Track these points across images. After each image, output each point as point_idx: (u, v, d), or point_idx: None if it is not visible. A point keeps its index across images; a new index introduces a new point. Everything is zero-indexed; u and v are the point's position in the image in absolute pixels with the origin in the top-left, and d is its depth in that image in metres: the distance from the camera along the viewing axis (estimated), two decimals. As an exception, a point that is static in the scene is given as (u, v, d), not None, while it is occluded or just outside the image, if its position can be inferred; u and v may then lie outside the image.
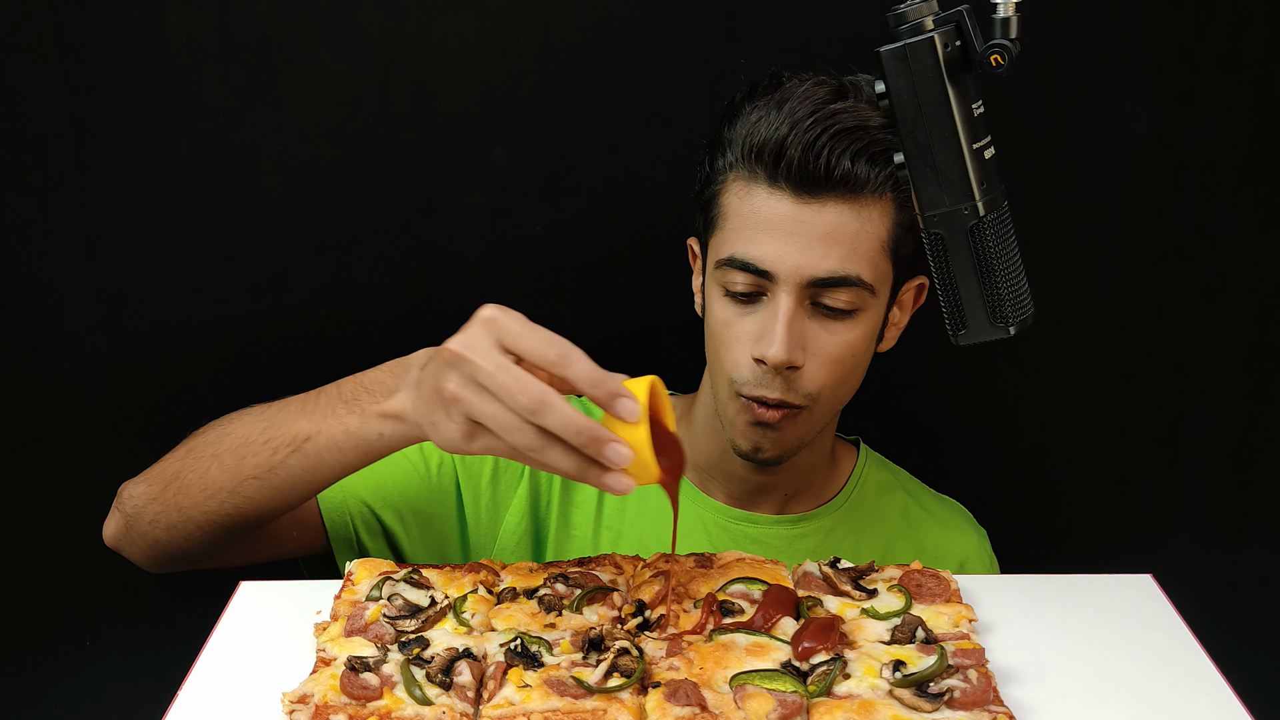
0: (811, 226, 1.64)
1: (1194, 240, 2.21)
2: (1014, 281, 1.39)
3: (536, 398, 1.28)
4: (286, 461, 1.54)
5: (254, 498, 1.58)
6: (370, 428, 1.47)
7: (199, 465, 1.63)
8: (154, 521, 1.67)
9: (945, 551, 1.91)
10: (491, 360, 1.30)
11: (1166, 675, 1.41)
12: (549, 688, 1.30)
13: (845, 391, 1.77)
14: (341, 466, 1.53)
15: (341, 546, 1.80)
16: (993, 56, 1.33)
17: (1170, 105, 2.14)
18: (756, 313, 1.69)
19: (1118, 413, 2.31)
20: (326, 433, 1.51)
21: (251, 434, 1.59)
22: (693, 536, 1.86)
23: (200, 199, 2.14)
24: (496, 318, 1.32)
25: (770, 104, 1.67)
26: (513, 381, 1.28)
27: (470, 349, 1.31)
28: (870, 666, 1.33)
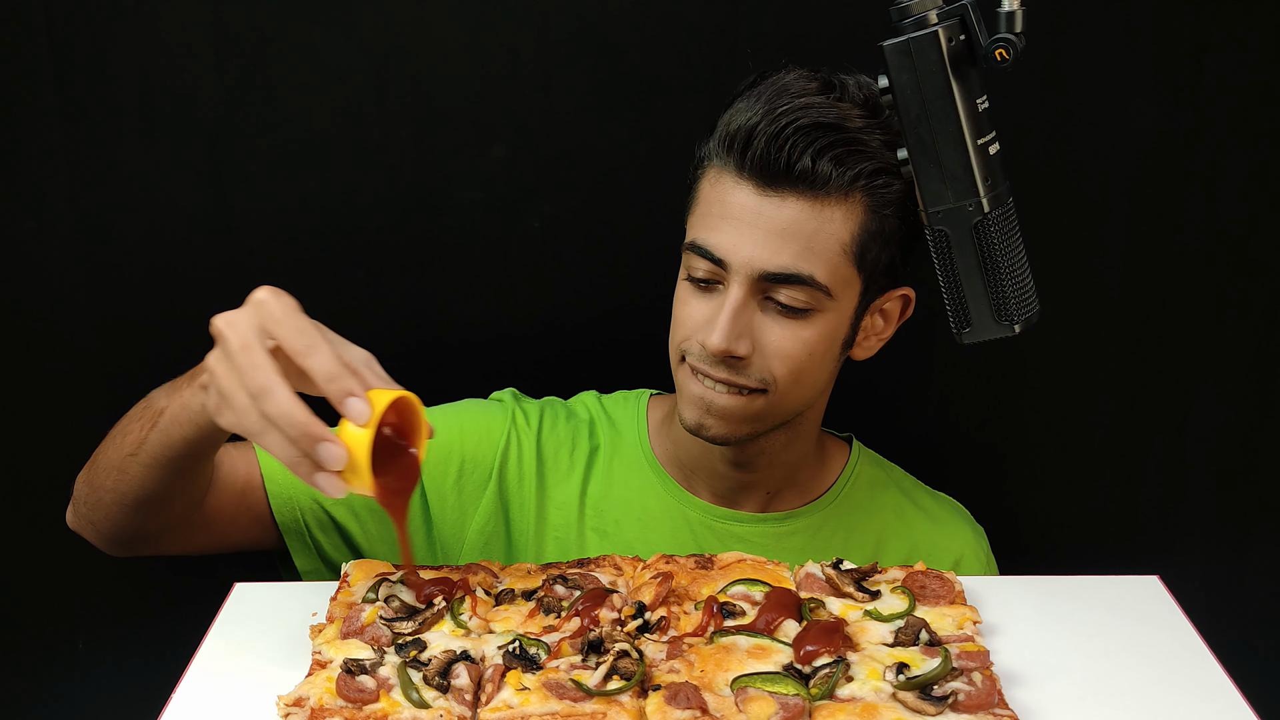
0: (769, 220, 1.64)
1: (1201, 237, 2.21)
2: (1019, 279, 1.40)
3: (260, 383, 1.31)
4: (148, 438, 1.57)
5: (134, 475, 1.60)
6: (194, 399, 1.49)
7: (107, 445, 1.67)
8: (86, 503, 1.71)
9: (939, 549, 1.90)
10: (241, 339, 1.33)
11: (1173, 678, 1.40)
12: (548, 690, 1.30)
13: (805, 390, 1.76)
14: (184, 441, 1.53)
15: (294, 541, 1.81)
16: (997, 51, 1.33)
17: (1177, 100, 2.14)
18: (712, 300, 1.71)
19: (1124, 412, 2.31)
20: (171, 408, 1.53)
21: (133, 413, 1.65)
22: (678, 535, 1.87)
23: (194, 196, 2.13)
24: (265, 301, 1.35)
25: (756, 94, 1.67)
26: (247, 363, 1.31)
27: (230, 326, 1.34)
28: (873, 669, 1.33)
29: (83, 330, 2.19)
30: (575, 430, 1.93)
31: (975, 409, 2.32)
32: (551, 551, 1.86)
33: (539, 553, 1.86)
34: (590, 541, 1.86)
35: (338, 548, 1.82)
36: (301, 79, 2.09)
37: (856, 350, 1.80)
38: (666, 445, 1.92)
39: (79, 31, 2.05)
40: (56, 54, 2.06)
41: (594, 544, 1.86)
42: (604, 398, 2.00)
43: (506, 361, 2.16)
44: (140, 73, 2.07)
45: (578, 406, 1.98)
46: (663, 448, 1.92)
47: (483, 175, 2.15)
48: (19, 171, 2.11)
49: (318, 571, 1.84)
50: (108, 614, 2.34)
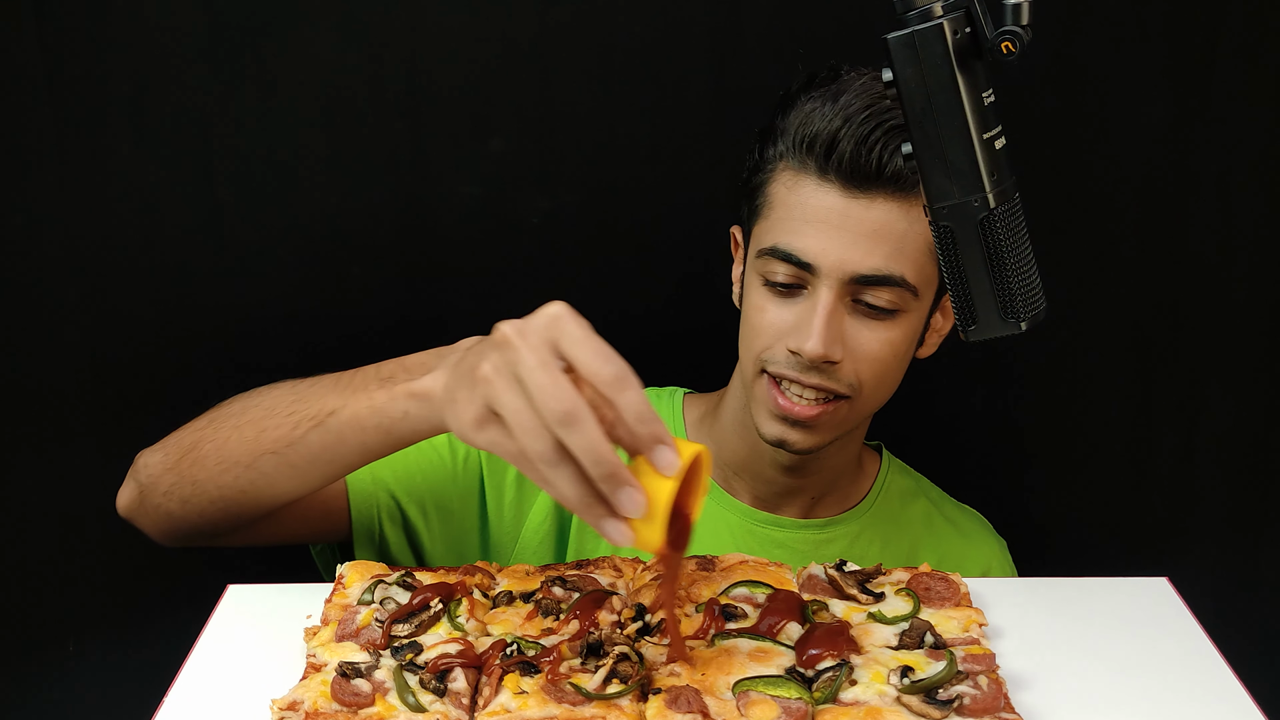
0: (858, 222, 1.65)
1: (1211, 235, 2.21)
2: (1025, 276, 1.39)
3: (570, 409, 1.19)
4: (307, 436, 1.48)
5: (269, 474, 1.52)
6: (396, 405, 1.41)
7: (218, 436, 1.57)
8: (168, 494, 1.61)
9: (968, 560, 1.92)
10: (538, 355, 1.21)
11: (1182, 681, 1.41)
12: (546, 694, 1.30)
13: (884, 392, 1.78)
14: (361, 447, 1.46)
15: (363, 537, 1.77)
16: (1004, 44, 1.32)
17: (1187, 94, 2.14)
18: (796, 305, 1.70)
19: (1133, 411, 2.31)
20: (351, 408, 1.45)
21: (277, 406, 1.53)
22: (718, 538, 1.87)
23: (186, 190, 2.13)
24: (561, 315, 1.25)
25: (826, 95, 1.67)
26: (550, 384, 1.20)
27: (521, 336, 1.23)
28: (877, 672, 1.33)
29: (73, 330, 2.19)
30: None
31: (980, 408, 2.32)
32: (598, 552, 1.85)
33: (579, 555, 1.85)
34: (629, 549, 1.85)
35: (401, 547, 1.80)
36: (295, 72, 2.09)
37: (922, 349, 1.82)
38: (707, 445, 1.90)
39: (69, 27, 2.05)
40: (46, 49, 2.06)
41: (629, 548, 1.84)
42: None
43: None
44: (132, 66, 2.07)
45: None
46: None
47: (480, 169, 2.15)
48: (9, 169, 2.11)
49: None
50: (99, 614, 2.34)
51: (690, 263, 2.18)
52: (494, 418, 1.25)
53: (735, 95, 2.11)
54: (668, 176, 2.15)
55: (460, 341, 1.43)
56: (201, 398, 1.71)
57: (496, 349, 1.25)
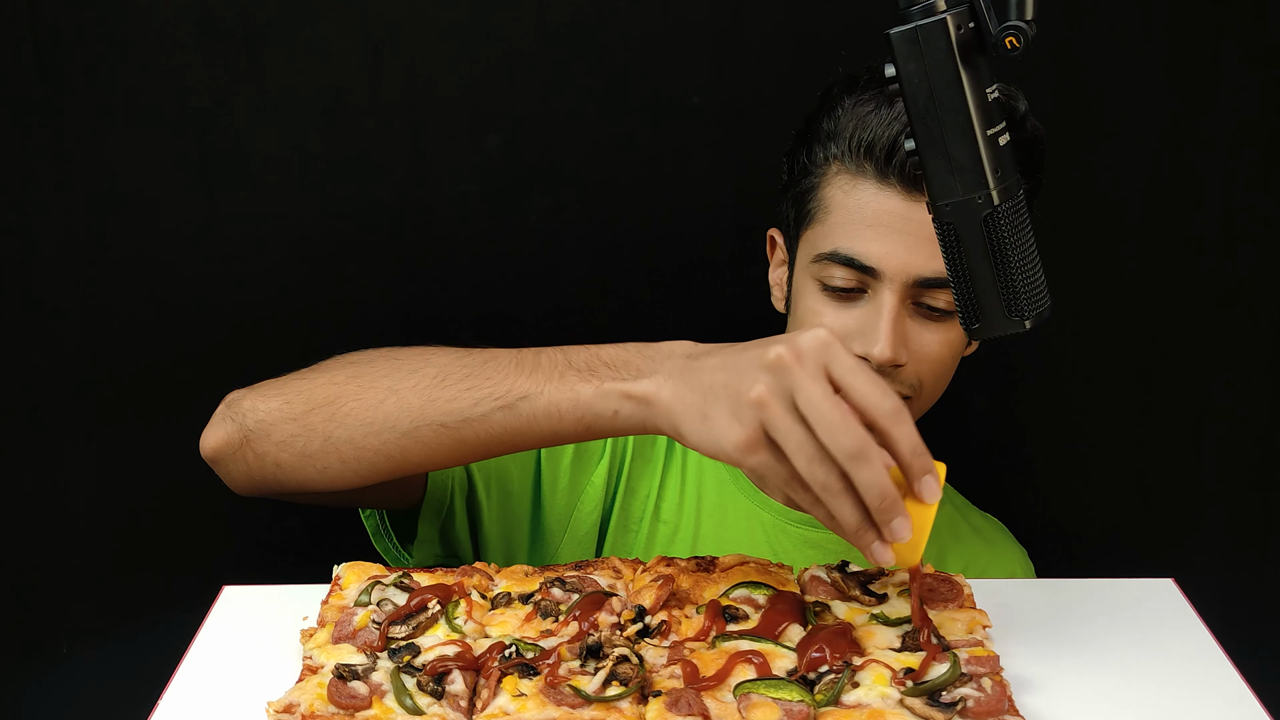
0: (921, 225, 1.65)
1: (1217, 232, 2.21)
2: (1030, 273, 1.39)
3: (860, 445, 1.24)
4: (489, 415, 1.45)
5: (430, 444, 1.49)
6: (606, 403, 1.39)
7: (367, 395, 1.52)
8: (284, 444, 1.56)
9: (994, 568, 1.93)
10: (822, 386, 1.25)
11: (1189, 683, 1.40)
12: (545, 696, 1.30)
13: (939, 391, 1.79)
14: (552, 434, 1.44)
15: (432, 509, 1.75)
16: (1008, 39, 1.32)
17: (1192, 90, 2.14)
18: (856, 309, 1.71)
19: (1138, 411, 2.31)
20: (550, 396, 1.42)
21: (447, 375, 1.49)
22: (751, 537, 1.87)
23: (183, 189, 2.14)
24: (833, 343, 1.27)
25: (879, 99, 1.68)
26: (840, 419, 1.24)
27: (801, 363, 1.25)
28: (880, 674, 1.33)
29: (70, 330, 2.19)
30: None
31: (984, 406, 2.32)
32: (629, 547, 1.87)
33: (618, 547, 1.87)
34: (661, 537, 1.87)
35: (464, 522, 1.80)
36: (292, 69, 2.09)
37: (967, 348, 1.83)
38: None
39: (63, 22, 2.05)
40: (40, 45, 2.06)
41: (664, 540, 1.87)
42: None
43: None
44: (128, 64, 2.08)
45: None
46: None
47: (477, 167, 2.15)
48: (4, 168, 2.11)
49: (430, 543, 1.77)
50: (93, 616, 2.34)
51: (690, 261, 2.18)
52: (767, 443, 1.27)
53: (736, 92, 2.11)
54: (668, 174, 2.15)
55: (665, 344, 1.42)
56: (200, 398, 1.71)
57: (772, 373, 1.26)
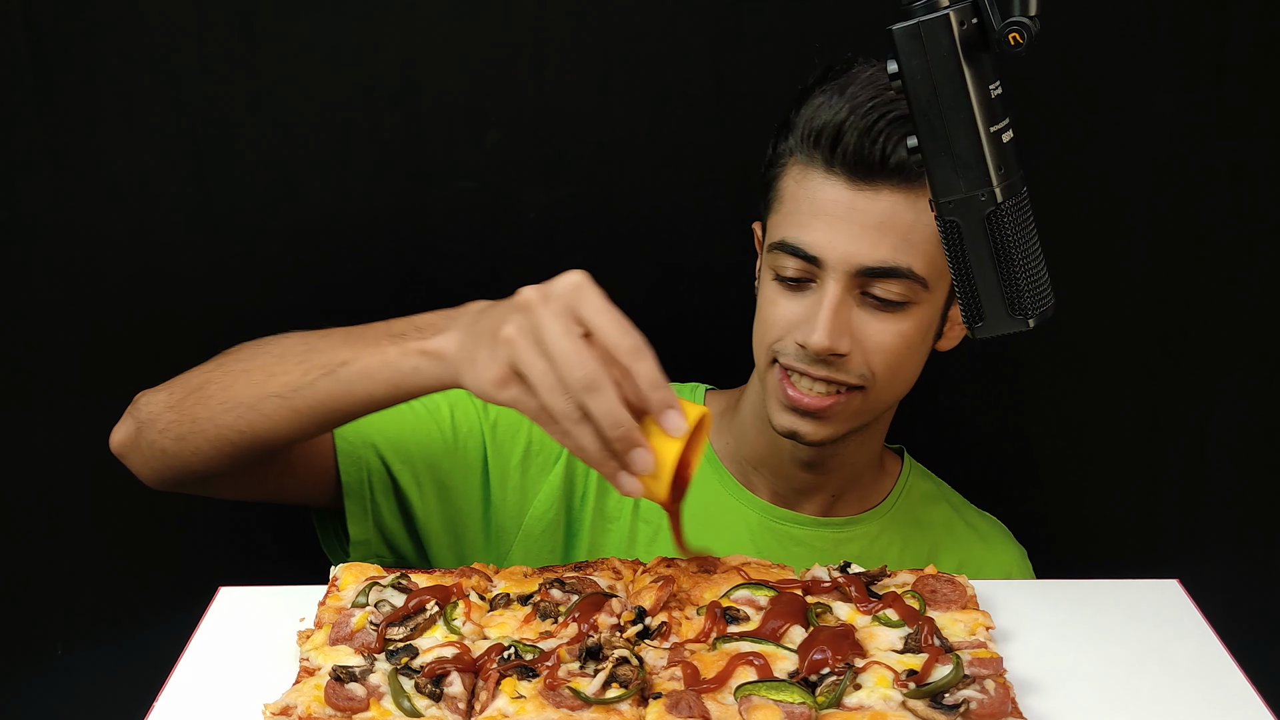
0: (864, 214, 1.67)
1: (1224, 229, 2.21)
2: (1033, 272, 1.39)
3: (593, 376, 1.31)
4: (316, 383, 1.54)
5: (272, 417, 1.57)
6: (407, 360, 1.48)
7: (225, 378, 1.63)
8: (165, 430, 1.66)
9: (989, 566, 1.93)
10: (562, 323, 1.32)
11: (1194, 685, 1.41)
12: (544, 699, 1.30)
13: (900, 383, 1.79)
14: (368, 397, 1.52)
15: (354, 504, 1.80)
16: (1011, 35, 1.32)
17: (1199, 85, 2.14)
18: (805, 298, 1.73)
19: (1143, 410, 2.31)
20: (364, 361, 1.52)
21: (288, 353, 1.60)
22: (736, 534, 1.88)
23: (177, 186, 2.13)
24: (583, 284, 1.35)
25: (835, 88, 1.70)
26: (574, 352, 1.31)
27: (545, 302, 1.34)
28: (882, 676, 1.33)
29: (64, 329, 2.19)
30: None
31: (988, 406, 2.32)
32: (607, 546, 1.88)
33: (593, 547, 1.88)
34: (642, 536, 1.88)
35: (394, 516, 1.82)
36: (288, 65, 2.09)
37: (942, 341, 1.83)
38: (727, 440, 1.93)
39: (57, 18, 2.05)
40: (33, 38, 2.06)
41: (645, 539, 1.88)
42: None
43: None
44: (121, 58, 2.07)
45: None
46: (722, 443, 1.94)
47: (476, 164, 2.15)
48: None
49: (367, 544, 1.82)
50: (87, 616, 2.34)
51: (689, 257, 2.18)
52: (516, 377, 1.36)
53: (736, 87, 2.11)
54: (668, 170, 2.15)
55: (468, 305, 1.50)
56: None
57: (520, 312, 1.35)
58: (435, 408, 1.82)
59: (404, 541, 1.84)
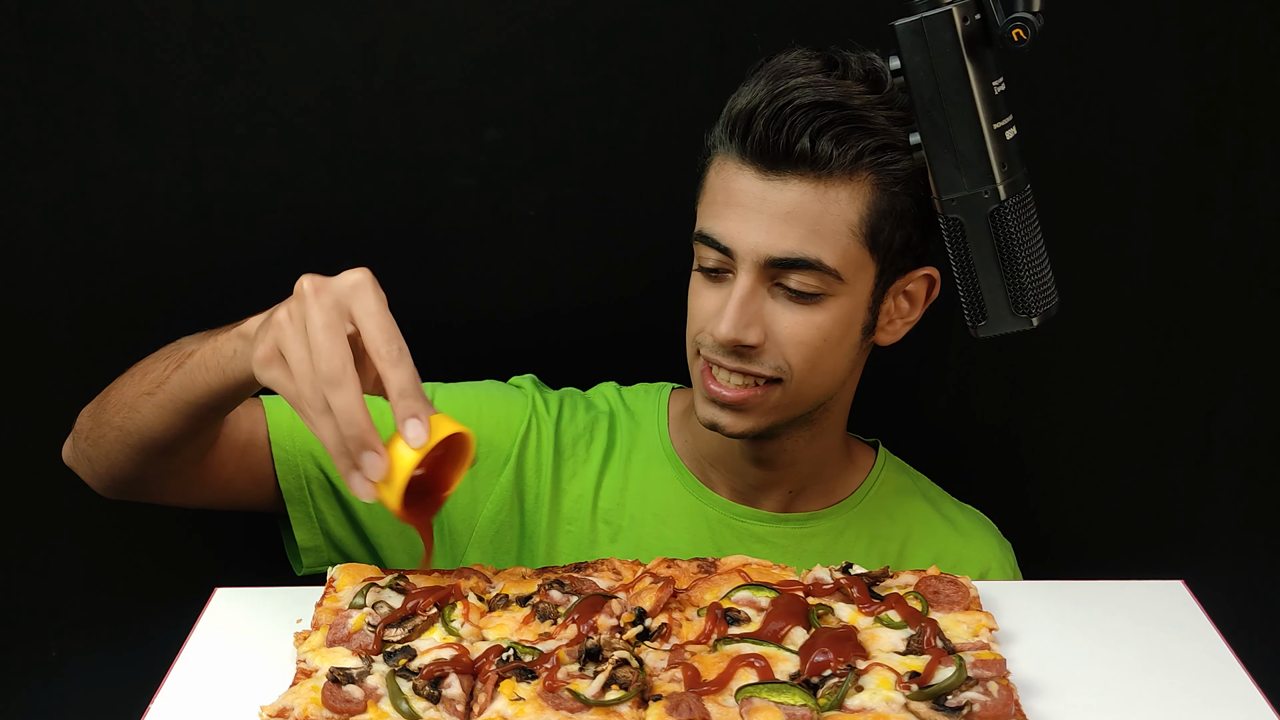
0: (773, 205, 1.67)
1: (1229, 226, 2.21)
2: (1037, 270, 1.40)
3: (336, 372, 1.34)
4: (170, 378, 1.59)
5: (145, 414, 1.62)
6: (228, 345, 1.51)
7: (121, 382, 1.69)
8: (86, 437, 1.73)
9: (964, 561, 1.91)
10: (326, 316, 1.36)
11: (1199, 687, 1.41)
12: (543, 701, 1.30)
13: (823, 377, 1.77)
14: (205, 387, 1.55)
15: (297, 510, 1.83)
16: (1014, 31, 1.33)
17: (1204, 82, 2.14)
18: (722, 289, 1.73)
19: (1148, 409, 2.31)
20: (202, 352, 1.55)
21: (160, 353, 1.67)
22: (696, 533, 1.88)
23: (171, 182, 2.13)
24: (361, 284, 1.38)
25: (757, 75, 1.70)
26: (328, 345, 1.34)
27: (316, 294, 1.37)
28: (884, 678, 1.33)
29: (56, 328, 2.19)
30: (594, 421, 1.95)
31: (991, 406, 2.32)
32: (564, 546, 1.88)
33: (550, 548, 1.88)
34: (602, 536, 1.88)
35: (340, 522, 1.84)
36: (284, 59, 2.09)
37: (881, 335, 1.82)
38: (686, 438, 1.94)
39: (52, 11, 2.05)
40: (27, 31, 2.05)
41: (606, 539, 1.88)
42: (624, 390, 2.02)
43: (499, 354, 2.15)
44: (116, 52, 2.07)
45: (596, 398, 2.00)
46: (682, 442, 1.94)
47: (475, 160, 2.15)
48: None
49: (318, 550, 1.86)
50: (82, 618, 2.34)
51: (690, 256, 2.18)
52: (278, 359, 1.39)
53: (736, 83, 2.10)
54: (668, 165, 2.14)
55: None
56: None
57: (295, 299, 1.39)
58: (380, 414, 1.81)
59: (354, 547, 1.87)
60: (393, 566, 1.80)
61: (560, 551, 1.88)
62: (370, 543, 1.86)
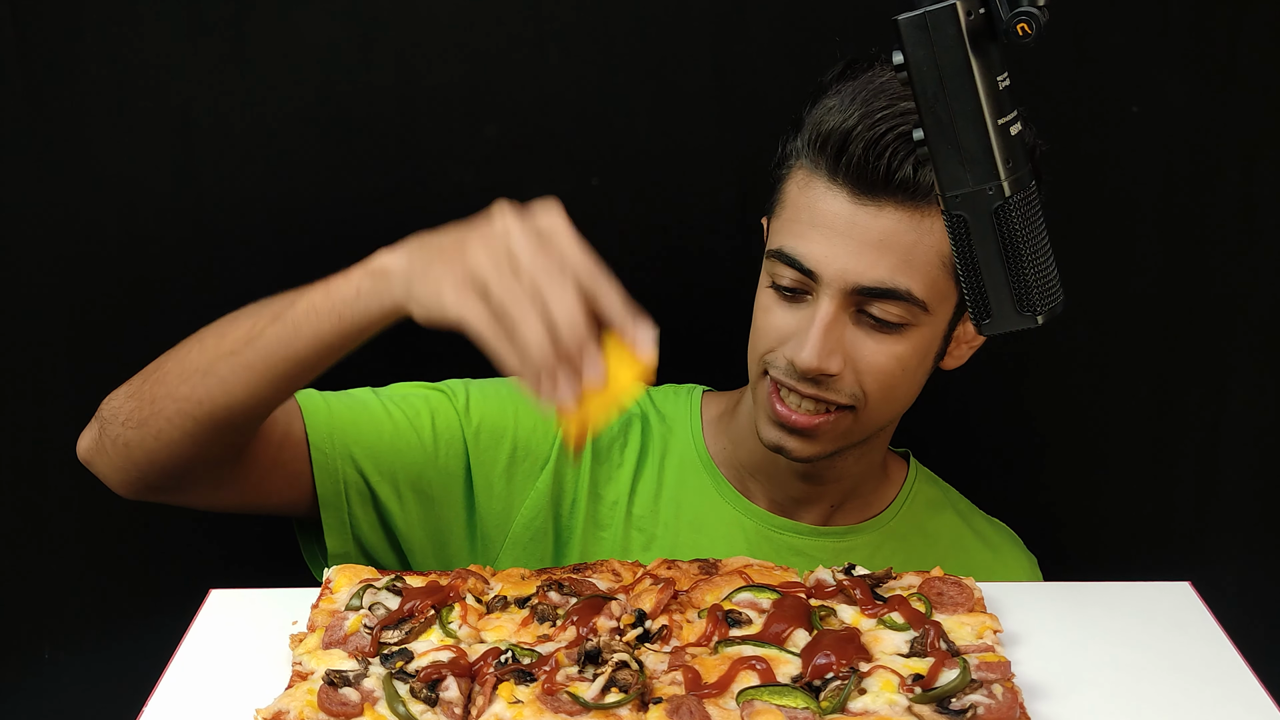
0: (865, 230, 1.63)
1: (1237, 223, 2.21)
2: (1042, 267, 1.39)
3: (557, 269, 1.29)
4: (265, 332, 1.51)
5: (227, 379, 1.53)
6: (349, 284, 1.46)
7: (181, 353, 1.60)
8: (126, 421, 1.61)
9: (996, 577, 1.91)
10: (529, 236, 1.31)
11: (1206, 690, 1.41)
12: (542, 704, 1.30)
13: (895, 405, 1.77)
14: (315, 337, 1.48)
15: (331, 516, 1.77)
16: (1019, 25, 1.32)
17: (1211, 77, 2.14)
18: (799, 310, 1.70)
19: (1154, 409, 2.31)
20: (309, 298, 1.49)
21: (240, 315, 1.58)
22: (732, 542, 1.86)
23: (164, 180, 2.13)
24: (560, 223, 1.34)
25: (850, 91, 1.66)
26: (541, 254, 1.30)
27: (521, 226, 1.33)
28: (887, 681, 1.33)
29: (49, 327, 2.19)
30: (627, 424, 1.92)
31: (996, 405, 2.32)
32: (598, 554, 1.85)
33: (584, 555, 1.85)
34: (635, 544, 1.86)
35: (374, 528, 1.80)
36: (279, 53, 2.09)
37: (948, 360, 1.81)
38: (724, 445, 1.91)
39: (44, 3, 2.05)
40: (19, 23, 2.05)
41: (639, 547, 1.86)
42: (653, 390, 1.98)
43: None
44: (109, 46, 2.07)
45: None
46: (718, 447, 1.91)
47: (474, 157, 2.15)
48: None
49: (346, 557, 1.79)
50: (75, 619, 2.34)
51: (695, 255, 2.18)
52: (472, 290, 1.31)
53: (740, 79, 2.11)
54: (671, 164, 2.14)
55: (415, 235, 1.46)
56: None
57: (490, 225, 1.34)
58: (415, 414, 1.80)
59: (385, 553, 1.82)
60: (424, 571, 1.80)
61: (594, 559, 1.86)
62: (402, 549, 1.82)
